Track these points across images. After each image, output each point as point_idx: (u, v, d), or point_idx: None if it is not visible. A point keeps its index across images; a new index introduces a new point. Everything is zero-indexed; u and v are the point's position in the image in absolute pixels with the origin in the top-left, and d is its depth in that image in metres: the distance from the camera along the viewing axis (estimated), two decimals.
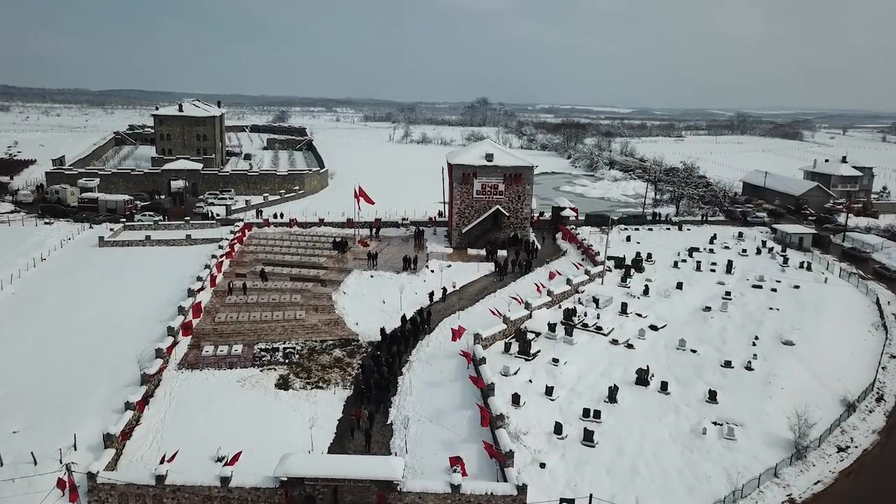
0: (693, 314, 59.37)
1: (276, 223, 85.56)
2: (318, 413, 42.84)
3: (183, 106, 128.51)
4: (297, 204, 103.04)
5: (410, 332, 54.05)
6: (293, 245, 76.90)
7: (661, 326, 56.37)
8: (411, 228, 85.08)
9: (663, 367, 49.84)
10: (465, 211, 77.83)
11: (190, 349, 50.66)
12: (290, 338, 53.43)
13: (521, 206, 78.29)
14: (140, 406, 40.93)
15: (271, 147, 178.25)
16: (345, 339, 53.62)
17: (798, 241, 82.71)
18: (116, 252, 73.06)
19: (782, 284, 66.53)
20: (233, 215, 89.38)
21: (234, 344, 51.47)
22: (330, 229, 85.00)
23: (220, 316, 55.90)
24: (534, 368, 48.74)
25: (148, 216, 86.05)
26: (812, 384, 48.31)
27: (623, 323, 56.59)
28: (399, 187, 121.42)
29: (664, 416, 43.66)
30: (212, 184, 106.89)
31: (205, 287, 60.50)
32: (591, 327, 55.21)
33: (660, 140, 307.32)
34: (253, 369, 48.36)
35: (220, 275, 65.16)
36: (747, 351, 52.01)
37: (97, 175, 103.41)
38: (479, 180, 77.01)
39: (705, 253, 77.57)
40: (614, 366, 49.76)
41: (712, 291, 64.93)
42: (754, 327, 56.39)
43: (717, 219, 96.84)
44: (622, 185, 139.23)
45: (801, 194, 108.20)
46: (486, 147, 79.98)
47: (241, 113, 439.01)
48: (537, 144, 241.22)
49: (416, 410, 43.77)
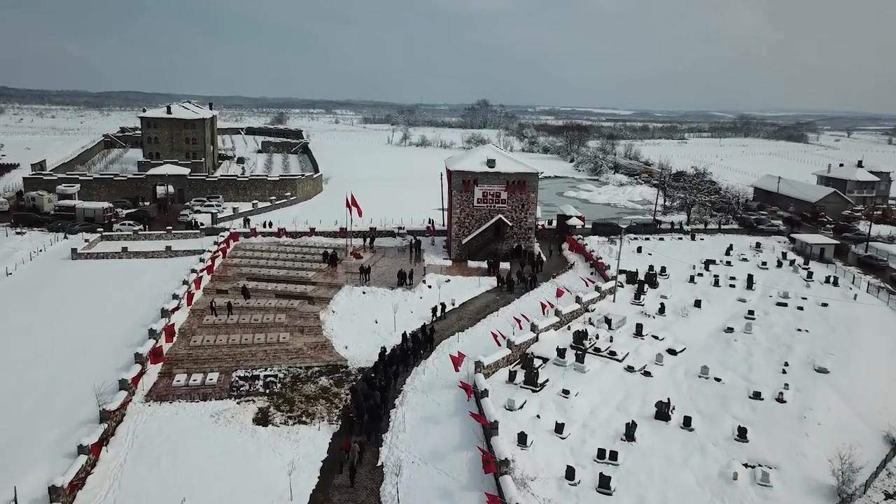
0: (714, 336, 54.38)
1: (265, 232, 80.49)
2: (300, 453, 38.19)
3: (171, 108, 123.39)
4: (289, 211, 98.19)
5: (412, 351, 49.85)
6: (280, 257, 71.75)
7: (680, 350, 51.39)
8: (408, 238, 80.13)
9: (685, 399, 44.86)
10: (465, 220, 72.90)
11: (160, 378, 45.74)
12: (272, 364, 48.52)
13: (525, 215, 73.34)
14: (95, 450, 35.95)
15: (266, 150, 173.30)
16: (332, 366, 48.72)
17: (819, 252, 77.71)
18: (90, 266, 67.83)
19: (808, 302, 61.50)
20: (219, 224, 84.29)
21: (209, 371, 46.57)
22: (321, 239, 79.97)
23: (196, 339, 50.89)
24: (542, 401, 43.74)
25: (127, 225, 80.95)
26: (852, 419, 43.29)
27: (638, 346, 51.61)
28: (396, 193, 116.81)
29: (689, 457, 38.68)
30: (199, 190, 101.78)
31: (181, 306, 55.48)
32: (603, 352, 50.22)
33: (663, 143, 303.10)
34: (229, 401, 43.55)
35: (198, 291, 60.14)
36: (777, 380, 47.01)
37: (77, 181, 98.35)
38: (480, 188, 72.11)
39: (722, 266, 72.49)
40: (631, 397, 44.78)
41: (733, 310, 59.95)
42: (783, 352, 51.39)
43: (730, 227, 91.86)
44: (628, 190, 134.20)
45: (818, 201, 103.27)
46: (488, 152, 75.03)
47: (239, 115, 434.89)
48: (539, 147, 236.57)
49: (410, 451, 38.95)
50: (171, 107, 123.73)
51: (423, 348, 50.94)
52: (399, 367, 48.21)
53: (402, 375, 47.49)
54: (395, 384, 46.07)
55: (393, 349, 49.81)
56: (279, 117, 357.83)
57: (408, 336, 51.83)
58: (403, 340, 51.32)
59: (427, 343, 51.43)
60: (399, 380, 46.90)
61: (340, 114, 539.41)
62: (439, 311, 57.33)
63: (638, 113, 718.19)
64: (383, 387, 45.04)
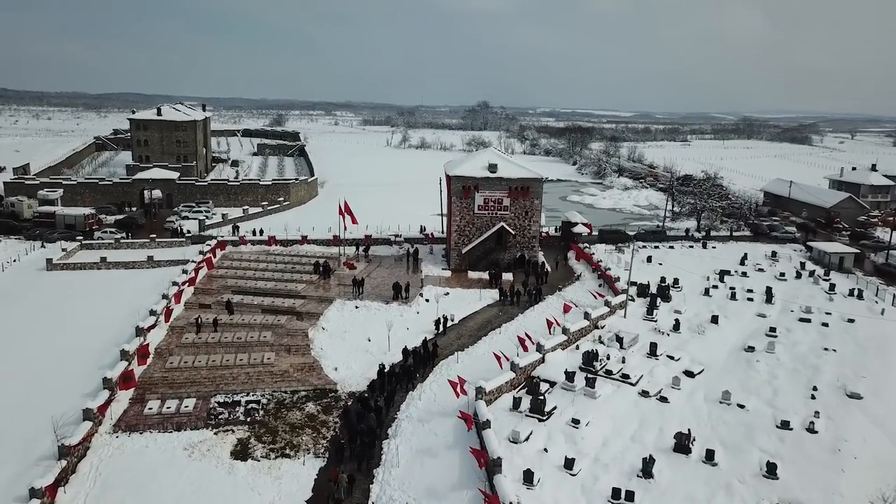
0: (734, 356, 50.36)
1: (254, 241, 76.39)
2: (282, 492, 34.53)
3: (162, 109, 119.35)
4: (282, 217, 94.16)
5: (413, 369, 46.55)
6: (269, 268, 67.55)
7: (698, 372, 47.40)
8: (405, 246, 76.15)
9: (706, 428, 40.89)
10: (465, 228, 68.91)
11: (131, 405, 41.84)
12: (254, 388, 44.64)
13: (528, 222, 69.34)
14: (50, 492, 32.03)
15: (261, 153, 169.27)
16: (320, 390, 44.84)
17: (838, 262, 73.67)
18: (66, 277, 63.65)
19: (833, 317, 57.40)
20: (206, 231, 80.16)
21: (185, 397, 42.68)
22: (314, 248, 75.89)
23: (173, 360, 46.91)
24: (549, 432, 39.75)
25: (109, 233, 76.79)
26: (891, 452, 39.32)
27: (653, 368, 47.61)
28: (394, 197, 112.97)
29: (714, 496, 34.74)
30: (188, 195, 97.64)
31: (158, 323, 51.49)
32: (615, 374, 46.22)
33: (665, 145, 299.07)
34: (206, 431, 39.71)
35: (179, 306, 56.11)
36: (806, 406, 43.02)
37: (60, 185, 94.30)
38: (482, 194, 68.14)
39: (738, 277, 68.29)
40: (646, 426, 40.81)
41: (753, 326, 55.92)
42: (810, 374, 47.39)
43: (742, 234, 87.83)
44: (633, 194, 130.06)
45: (832, 206, 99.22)
46: (489, 156, 70.96)
47: (238, 116, 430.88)
48: (540, 150, 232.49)
49: (404, 489, 35.06)
50: (161, 108, 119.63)
51: (425, 365, 47.63)
52: (398, 386, 44.96)
53: (400, 394, 44.21)
54: (391, 407, 42.61)
55: (392, 367, 46.51)
56: (278, 119, 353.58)
57: (409, 352, 48.48)
58: (404, 357, 48.05)
59: (430, 359, 48.13)
60: (397, 399, 43.60)
61: (340, 115, 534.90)
62: (442, 325, 53.88)
63: (638, 114, 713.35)
64: (379, 408, 41.62)
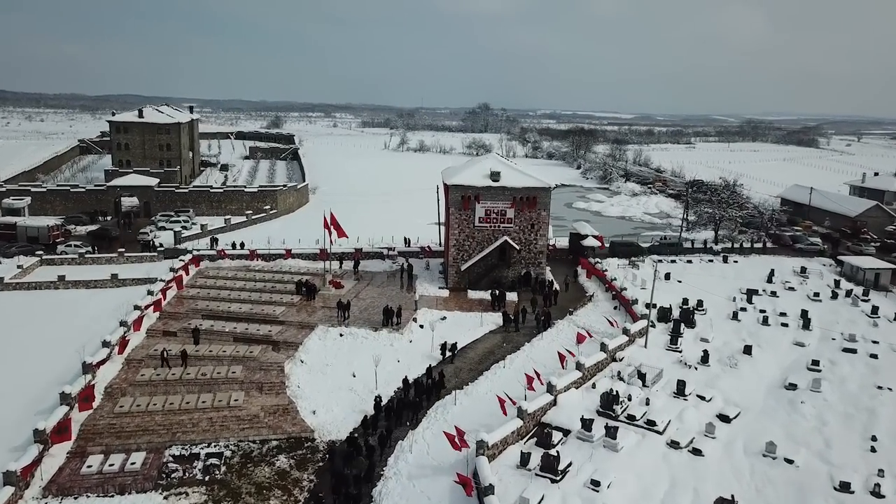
0: (774, 395, 43.73)
1: (234, 255, 69.71)
2: None
3: (143, 111, 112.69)
4: (269, 226, 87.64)
5: (416, 402, 41.16)
6: (247, 287, 60.69)
7: (734, 416, 40.79)
8: (398, 261, 69.63)
9: (749, 490, 34.34)
10: (464, 243, 62.40)
11: (68, 461, 35.44)
12: (217, 436, 38.19)
13: (534, 236, 62.82)
14: None
15: (253, 156, 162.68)
16: (294, 439, 38.38)
17: (874, 279, 67.05)
18: (18, 299, 56.80)
19: (882, 347, 50.72)
20: (182, 244, 73.42)
21: (134, 450, 36.22)
22: (299, 262, 69.24)
23: (125, 402, 40.35)
24: (564, 495, 33.16)
25: (74, 247, 70.09)
26: None
27: (682, 411, 41.01)
28: (388, 205, 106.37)
29: None
30: (168, 203, 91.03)
31: (111, 356, 44.94)
32: (639, 420, 39.64)
33: (670, 147, 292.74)
34: (154, 494, 33.45)
35: (139, 334, 49.49)
36: (866, 461, 36.43)
37: (29, 193, 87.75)
38: (483, 205, 61.64)
39: (767, 297, 61.50)
40: (679, 487, 34.24)
41: (791, 357, 49.31)
42: (865, 419, 40.78)
43: (764, 246, 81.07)
44: (642, 200, 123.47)
45: (858, 215, 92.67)
46: (491, 163, 64.35)
47: (235, 118, 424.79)
48: (543, 153, 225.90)
49: None
50: (143, 110, 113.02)
51: (429, 396, 41.99)
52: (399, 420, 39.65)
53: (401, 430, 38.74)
54: (387, 448, 37.05)
55: (390, 400, 41.13)
56: (275, 121, 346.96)
57: (409, 383, 42.78)
58: (404, 388, 42.41)
59: (435, 390, 42.45)
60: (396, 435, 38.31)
61: (339, 117, 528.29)
62: (448, 351, 48.31)
63: (639, 116, 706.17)
64: (372, 449, 36.08)
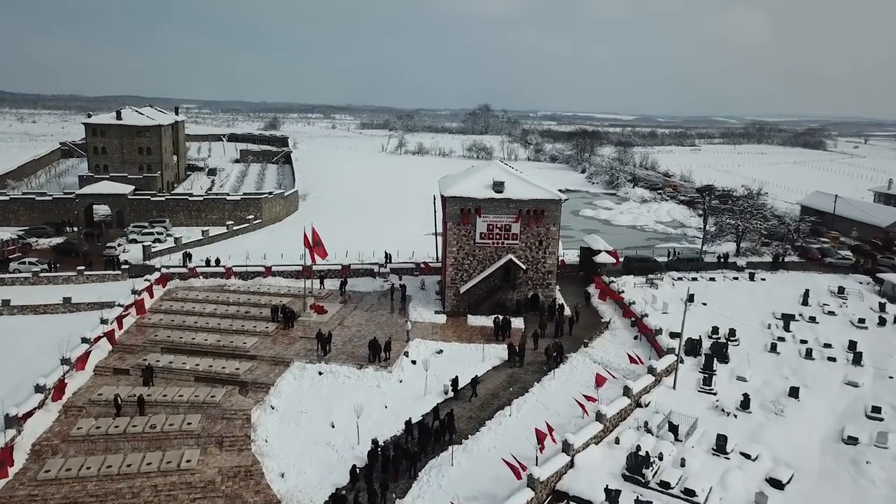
0: (831, 451, 36.78)
1: (207, 272, 62.74)
2: None
3: (122, 112, 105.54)
4: (252, 237, 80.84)
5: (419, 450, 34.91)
6: (218, 312, 53.48)
7: (787, 481, 33.83)
8: (390, 279, 62.75)
9: None
10: (463, 261, 55.48)
11: None
12: None
13: (543, 254, 55.87)
14: None
15: (244, 160, 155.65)
16: None
17: None
18: None
19: None
20: (152, 260, 66.43)
21: None
22: (280, 281, 62.23)
23: (53, 465, 33.40)
24: None
25: (28, 264, 63.18)
26: None
27: (724, 474, 34.03)
28: (383, 213, 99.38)
29: None
30: (143, 212, 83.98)
31: (45, 403, 38.00)
32: (674, 488, 32.70)
33: (675, 150, 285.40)
34: None
35: (84, 373, 42.51)
36: None
37: None
38: (485, 219, 54.73)
39: (805, 323, 54.40)
40: None
41: (844, 400, 42.34)
42: None
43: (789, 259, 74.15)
44: (653, 207, 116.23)
45: (889, 225, 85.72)
46: (494, 172, 57.28)
47: (233, 120, 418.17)
48: (545, 155, 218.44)
49: None
50: (121, 111, 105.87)
51: (434, 441, 35.75)
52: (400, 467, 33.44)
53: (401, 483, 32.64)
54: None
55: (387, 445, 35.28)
56: (273, 122, 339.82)
57: (412, 424, 36.86)
58: (407, 431, 36.51)
59: (445, 433, 36.12)
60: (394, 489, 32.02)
61: (338, 119, 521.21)
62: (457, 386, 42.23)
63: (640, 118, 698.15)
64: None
